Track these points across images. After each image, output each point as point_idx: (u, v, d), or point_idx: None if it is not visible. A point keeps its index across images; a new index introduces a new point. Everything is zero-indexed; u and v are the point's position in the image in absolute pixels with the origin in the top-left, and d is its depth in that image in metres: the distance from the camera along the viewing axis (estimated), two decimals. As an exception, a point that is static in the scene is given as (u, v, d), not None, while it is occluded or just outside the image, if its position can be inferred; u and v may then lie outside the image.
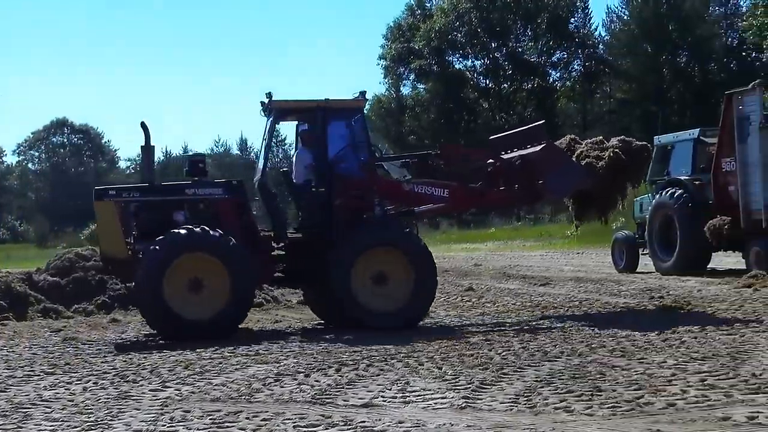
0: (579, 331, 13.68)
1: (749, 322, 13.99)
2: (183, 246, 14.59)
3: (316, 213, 15.77)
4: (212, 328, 14.48)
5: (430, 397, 9.28)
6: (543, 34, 79.48)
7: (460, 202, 17.75)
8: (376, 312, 15.26)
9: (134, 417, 8.82)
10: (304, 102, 16.39)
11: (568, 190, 17.32)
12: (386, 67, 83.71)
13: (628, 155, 17.27)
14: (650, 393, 8.96)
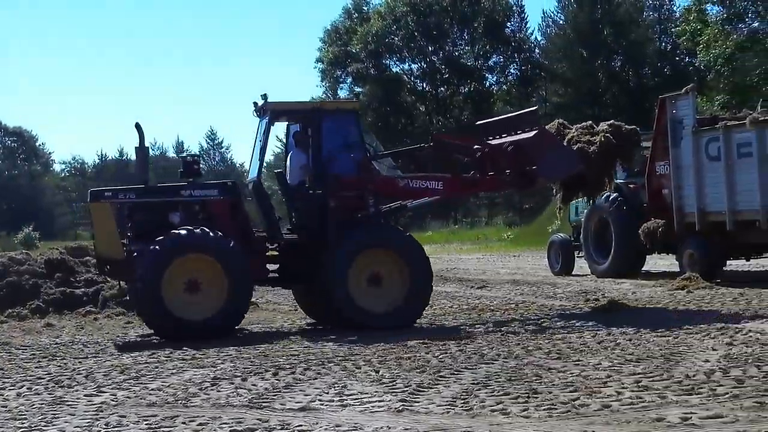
0: (515, 334, 13.74)
1: (683, 324, 14.14)
2: (182, 247, 14.76)
3: (312, 214, 15.87)
4: (210, 328, 14.63)
5: (367, 400, 9.27)
6: (480, 39, 79.92)
7: (454, 192, 18.20)
8: (372, 312, 15.39)
9: (69, 423, 8.72)
10: (300, 104, 16.89)
11: (561, 175, 17.53)
12: (323, 70, 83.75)
13: (619, 139, 17.52)
14: (585, 394, 9.03)
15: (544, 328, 14.45)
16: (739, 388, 8.99)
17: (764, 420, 7.74)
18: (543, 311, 17.13)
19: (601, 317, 15.61)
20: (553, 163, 16.69)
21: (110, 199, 15.65)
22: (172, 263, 14.65)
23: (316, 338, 14.12)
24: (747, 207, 20.15)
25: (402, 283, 15.61)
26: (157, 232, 14.96)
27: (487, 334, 13.93)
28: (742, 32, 41.72)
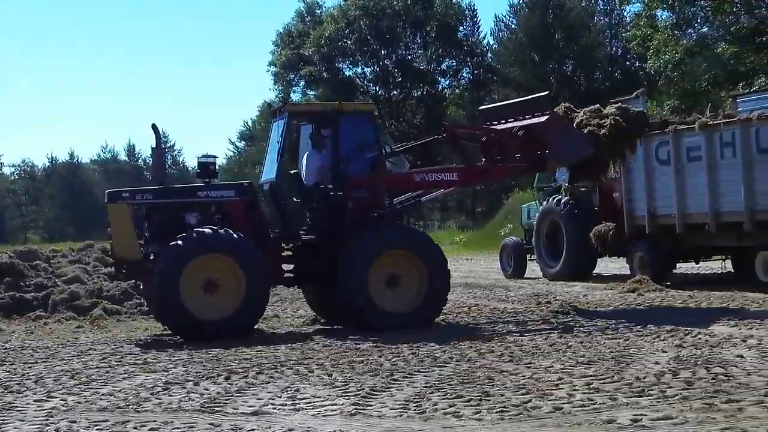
0: (467, 337, 13.77)
1: (633, 326, 14.25)
2: (201, 247, 14.91)
3: (329, 214, 16.03)
4: (227, 328, 14.79)
5: (320, 404, 9.27)
6: (432, 42, 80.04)
7: (468, 181, 18.48)
8: (391, 313, 15.53)
9: (18, 428, 8.64)
10: (318, 105, 16.99)
11: (572, 158, 17.68)
12: (276, 73, 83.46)
13: (627, 121, 17.61)
14: (537, 397, 9.08)
15: (496, 330, 14.50)
16: (689, 390, 9.07)
17: (713, 421, 7.82)
18: (495, 314, 17.20)
19: (553, 320, 15.70)
20: (565, 147, 16.95)
21: (128, 200, 15.82)
22: (192, 261, 14.82)
23: (268, 342, 14.08)
24: (696, 210, 20.35)
25: (420, 283, 15.79)
26: (174, 233, 15.13)
27: (440, 336, 13.94)
28: (691, 37, 42.13)
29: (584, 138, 17.15)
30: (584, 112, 17.92)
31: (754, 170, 18.89)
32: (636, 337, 13.07)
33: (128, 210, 15.72)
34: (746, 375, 9.75)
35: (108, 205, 15.71)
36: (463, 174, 17.22)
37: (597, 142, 17.14)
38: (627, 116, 17.62)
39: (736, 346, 11.75)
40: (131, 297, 19.67)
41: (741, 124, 19.16)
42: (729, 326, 13.79)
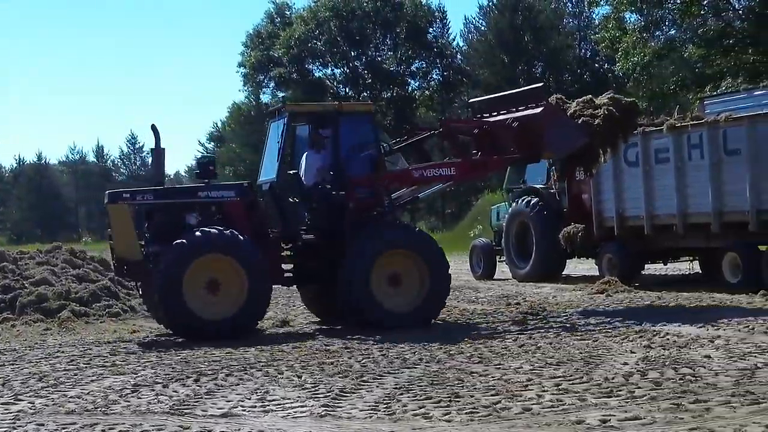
0: (437, 338, 13.79)
1: (602, 327, 14.32)
2: (203, 247, 14.97)
3: (330, 214, 16.09)
4: (230, 328, 14.87)
5: (289, 405, 9.26)
6: (402, 44, 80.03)
7: (465, 176, 18.56)
8: (393, 312, 15.65)
9: (-15, 431, 8.58)
10: (319, 106, 17.46)
11: (568, 149, 17.71)
12: (246, 74, 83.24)
13: (620, 111, 17.71)
14: (507, 398, 9.10)
15: (466, 332, 14.53)
16: (657, 390, 9.13)
17: (681, 421, 7.87)
18: (465, 315, 17.23)
19: (522, 321, 15.73)
20: (560, 138, 17.08)
21: (128, 200, 15.86)
22: (195, 261, 14.88)
23: (237, 344, 14.05)
24: (664, 211, 20.46)
25: (421, 282, 15.93)
26: (175, 233, 15.20)
27: (409, 338, 13.95)
28: (659, 40, 42.31)
29: (579, 128, 17.29)
30: (577, 102, 18.07)
31: (722, 172, 19.01)
32: (605, 337, 13.12)
33: (129, 210, 15.74)
34: (714, 375, 9.81)
35: (108, 206, 15.76)
36: (461, 168, 17.40)
37: (591, 132, 17.28)
38: (619, 106, 17.78)
39: (703, 347, 11.82)
40: (99, 299, 19.56)
41: (708, 126, 19.27)
42: (697, 327, 13.86)
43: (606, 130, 17.39)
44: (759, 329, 13.21)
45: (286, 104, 16.63)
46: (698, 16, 41.11)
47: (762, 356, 10.88)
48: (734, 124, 18.83)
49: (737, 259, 18.87)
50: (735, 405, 8.35)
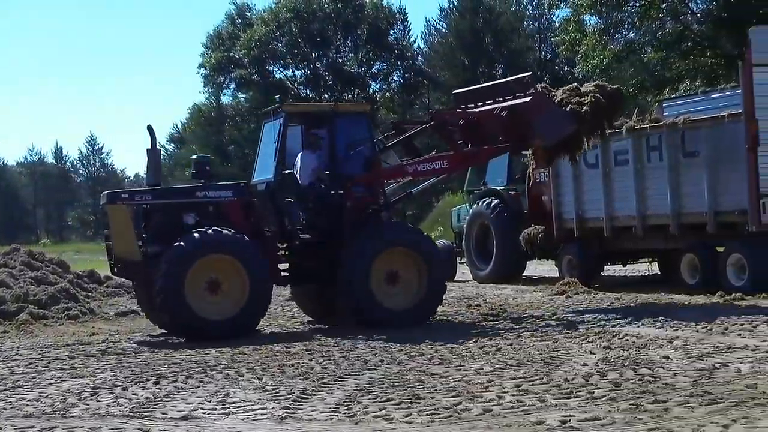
0: (398, 340, 13.80)
1: (562, 328, 14.39)
2: (207, 247, 15.05)
3: (327, 213, 16.30)
4: (232, 328, 14.95)
5: (250, 408, 9.23)
6: (363, 46, 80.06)
7: (458, 167, 18.94)
8: (391, 310, 15.83)
9: (-58, 435, 8.50)
10: (315, 106, 17.38)
11: (557, 137, 17.75)
12: (206, 75, 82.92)
13: (606, 98, 17.83)
14: (467, 399, 9.12)
15: (426, 333, 14.53)
16: (616, 391, 9.18)
17: (640, 422, 7.92)
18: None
19: (482, 322, 15.78)
20: (550, 126, 17.24)
21: (127, 200, 15.90)
22: (197, 261, 14.94)
23: (197, 346, 14.00)
24: (624, 213, 20.59)
25: (419, 280, 16.11)
26: (173, 233, 15.29)
27: (370, 340, 13.97)
28: (619, 43, 42.57)
29: (567, 116, 17.43)
30: (563, 90, 18.22)
31: (680, 174, 19.16)
32: (564, 338, 13.19)
33: (128, 211, 15.76)
34: (672, 376, 9.88)
35: (107, 206, 15.84)
36: (453, 160, 17.67)
37: (579, 119, 17.43)
38: (605, 93, 17.94)
39: (662, 347, 11.90)
40: (58, 302, 19.43)
41: (667, 129, 19.42)
42: (656, 328, 13.97)
43: (593, 117, 17.59)
44: (717, 330, 13.32)
45: (283, 105, 16.86)
46: (657, 19, 41.40)
47: (720, 357, 10.97)
48: (692, 127, 18.98)
49: (695, 260, 19.03)
50: (693, 405, 8.41)
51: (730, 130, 17.97)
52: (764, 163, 17.35)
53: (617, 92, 18.37)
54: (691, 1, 42.10)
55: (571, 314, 16.44)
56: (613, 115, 18.41)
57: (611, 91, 18.08)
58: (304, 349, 13.26)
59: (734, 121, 17.84)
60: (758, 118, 17.29)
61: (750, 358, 10.80)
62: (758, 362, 10.45)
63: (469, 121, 17.76)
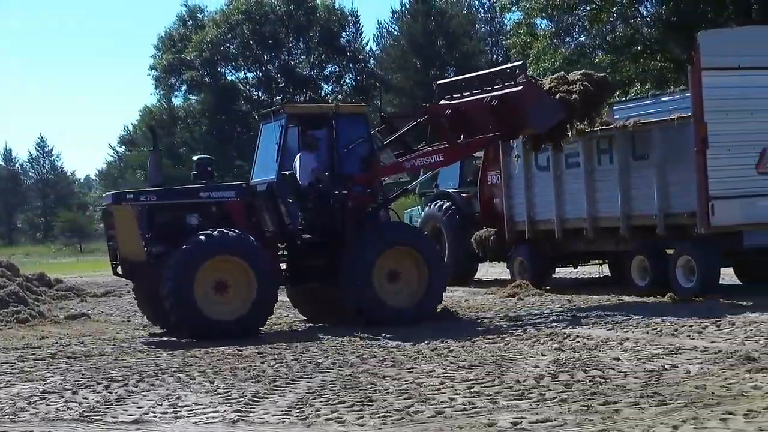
0: (350, 342, 13.80)
1: (514, 330, 14.44)
2: (213, 249, 15.25)
3: (328, 213, 16.58)
4: (239, 328, 15.13)
5: (201, 411, 9.20)
6: (315, 48, 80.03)
7: (452, 159, 19.04)
8: (395, 309, 16.17)
9: None
10: (316, 107, 17.76)
11: (547, 124, 17.97)
12: (157, 77, 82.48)
13: (594, 86, 18.09)
14: (419, 401, 9.14)
15: (378, 336, 14.55)
16: (567, 393, 9.24)
17: (590, 423, 7.97)
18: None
19: (434, 325, 15.80)
20: (541, 114, 17.54)
21: (132, 201, 16.05)
22: (206, 262, 15.12)
23: (148, 350, 13.92)
24: (574, 215, 20.68)
25: (419, 279, 16.49)
26: (177, 234, 15.65)
27: (322, 342, 13.96)
28: (570, 46, 42.82)
29: (557, 104, 17.69)
30: (551, 79, 18.51)
31: (630, 176, 19.28)
32: (516, 341, 13.24)
33: (133, 211, 15.86)
34: (623, 377, 9.95)
35: (113, 207, 16.01)
36: (448, 153, 17.97)
37: (569, 107, 17.70)
38: (592, 81, 18.22)
39: (612, 349, 11.98)
40: (7, 305, 19.22)
41: (617, 132, 19.54)
42: (606, 329, 14.06)
43: (582, 104, 17.86)
44: (666, 331, 13.44)
45: (284, 106, 17.14)
46: (607, 23, 41.68)
47: (669, 358, 11.07)
48: (642, 130, 19.11)
49: (645, 262, 19.15)
50: (643, 406, 8.48)
51: (680, 133, 18.12)
52: (713, 165, 17.51)
53: (604, 80, 18.74)
54: (641, 5, 42.45)
55: (522, 316, 16.51)
56: (601, 103, 18.77)
57: (598, 79, 18.44)
58: (256, 352, 13.22)
59: (683, 124, 17.99)
60: (707, 122, 17.44)
61: (699, 359, 10.90)
62: (707, 363, 10.55)
63: (457, 111, 18.02)
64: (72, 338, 16.23)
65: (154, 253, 15.82)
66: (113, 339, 15.88)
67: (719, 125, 17.55)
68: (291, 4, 77.83)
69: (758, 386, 9.11)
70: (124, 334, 16.69)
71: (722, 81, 17.68)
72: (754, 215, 17.78)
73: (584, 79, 18.13)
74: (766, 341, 11.93)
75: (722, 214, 17.51)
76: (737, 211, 17.67)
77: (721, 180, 17.57)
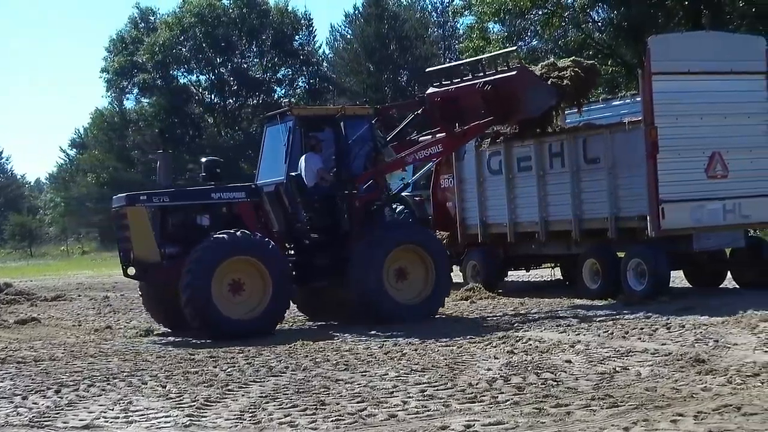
0: (303, 346, 13.77)
1: (466, 333, 14.46)
2: (231, 249, 15.56)
3: (336, 212, 17.05)
4: (254, 327, 15.42)
5: (153, 416, 9.15)
6: (268, 51, 79.86)
7: (450, 149, 19.32)
8: (404, 306, 16.68)
9: None
10: (324, 109, 18.32)
11: (540, 109, 18.43)
12: (109, 80, 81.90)
13: (585, 72, 18.67)
14: (372, 405, 9.14)
15: (332, 339, 14.54)
16: (520, 395, 9.28)
17: (542, 425, 8.01)
18: (329, 324, 17.24)
19: (387, 328, 15.82)
20: (535, 98, 18.05)
21: (146, 203, 16.32)
22: (220, 264, 15.40)
23: (100, 355, 13.82)
24: (527, 219, 20.76)
25: (426, 276, 17.00)
26: (188, 234, 16.09)
27: (276, 346, 13.93)
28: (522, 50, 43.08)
29: (550, 89, 18.17)
30: (541, 66, 19.05)
31: (582, 180, 19.39)
32: (469, 344, 13.27)
33: (147, 212, 16.11)
34: (574, 380, 10.01)
35: (127, 209, 16.26)
36: (446, 143, 18.41)
37: (561, 92, 18.23)
38: (582, 68, 18.77)
39: (564, 352, 12.04)
40: (-44, 309, 19.03)
41: (569, 135, 19.66)
42: (558, 332, 14.13)
43: (573, 89, 18.38)
44: (617, 334, 13.52)
45: (293, 108, 17.57)
46: (559, 28, 42.03)
47: (620, 360, 11.14)
48: (593, 134, 19.24)
49: (596, 265, 19.26)
50: (595, 408, 8.54)
51: (631, 137, 18.26)
52: (663, 169, 17.67)
53: (593, 67, 19.32)
54: (592, 11, 42.78)
55: (475, 319, 16.57)
56: (590, 89, 19.44)
57: (588, 66, 19.01)
58: (208, 356, 13.17)
59: (634, 128, 18.14)
60: (657, 126, 17.59)
61: (650, 361, 10.98)
62: (657, 365, 10.64)
63: (450, 99, 18.41)
64: (22, 343, 16.08)
65: (167, 254, 16.11)
66: (64, 343, 15.74)
67: (669, 129, 17.72)
68: (244, 7, 77.64)
69: (708, 388, 9.20)
70: (75, 338, 16.56)
71: (672, 86, 17.86)
72: (704, 219, 17.98)
73: (574, 66, 18.72)
74: (716, 343, 12.04)
75: (672, 217, 17.68)
76: (687, 215, 17.86)
77: (672, 184, 17.73)
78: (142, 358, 13.29)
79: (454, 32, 74.87)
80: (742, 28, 37.18)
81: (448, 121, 18.40)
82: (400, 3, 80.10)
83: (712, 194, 18.11)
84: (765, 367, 10.14)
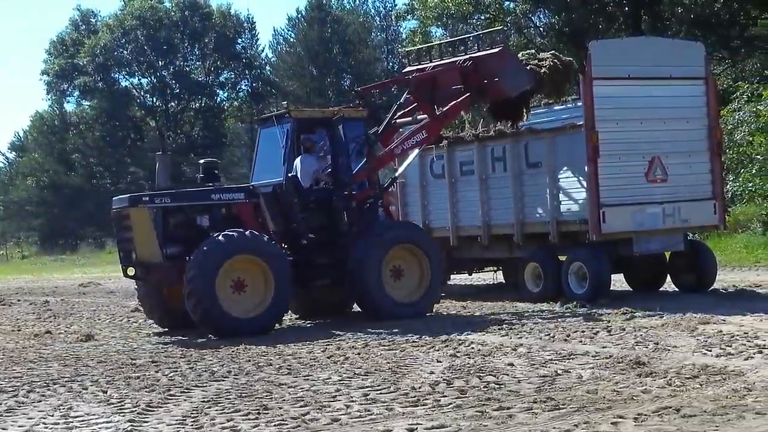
0: (246, 350, 13.73)
1: (409, 337, 14.48)
2: (236, 247, 15.77)
3: (332, 212, 17.33)
4: (256, 325, 15.68)
5: (94, 421, 9.09)
6: (210, 54, 79.51)
7: (435, 133, 19.14)
8: (402, 304, 17.08)
9: None
10: (321, 112, 18.61)
11: (518, 89, 18.52)
12: (49, 82, 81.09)
13: (563, 66, 18.93)
14: (315, 409, 9.13)
15: (275, 343, 14.50)
16: (462, 398, 9.32)
17: (485, 428, 8.06)
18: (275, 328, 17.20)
19: (331, 332, 15.81)
20: (514, 77, 18.26)
21: (149, 204, 16.54)
22: (224, 264, 15.58)
23: (39, 360, 13.68)
24: (469, 223, 20.85)
25: (421, 275, 17.43)
26: (189, 234, 16.34)
27: (218, 350, 13.87)
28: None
29: (528, 73, 18.44)
30: (522, 54, 19.47)
31: (523, 184, 19.50)
32: (412, 347, 13.29)
33: (150, 213, 16.38)
34: (516, 383, 10.07)
35: (130, 210, 16.46)
36: (431, 128, 18.54)
37: (539, 78, 18.46)
38: (561, 61, 19.06)
39: (506, 355, 12.10)
40: None
41: (511, 139, 19.76)
42: (500, 335, 14.20)
43: (550, 79, 18.61)
44: (559, 337, 13.61)
45: (291, 110, 17.67)
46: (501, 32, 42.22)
47: (562, 363, 11.22)
48: (535, 138, 19.36)
49: (538, 268, 19.36)
50: (537, 411, 8.60)
51: (572, 142, 18.39)
52: (604, 174, 17.83)
53: (571, 64, 19.47)
54: (534, 15, 43.07)
55: (417, 323, 16.57)
56: (566, 84, 19.43)
57: (566, 62, 19.25)
58: (150, 360, 13.09)
59: (575, 133, 18.27)
60: (598, 130, 17.75)
61: (591, 364, 11.07)
62: (598, 368, 10.73)
63: (425, 79, 18.65)
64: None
65: (169, 254, 16.29)
66: (3, 348, 15.56)
67: (610, 134, 17.89)
68: (186, 10, 77.26)
69: (648, 390, 9.30)
70: (14, 343, 16.37)
71: (613, 90, 18.04)
72: (644, 222, 18.16)
73: (554, 58, 19.06)
74: (656, 346, 12.16)
75: (613, 221, 17.84)
76: (627, 219, 18.03)
77: (612, 188, 17.91)
78: (83, 363, 13.17)
79: (397, 36, 75.00)
80: (681, 34, 37.65)
81: (424, 103, 18.60)
82: (343, 7, 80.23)
83: (652, 198, 18.30)
84: (704, 369, 10.27)
